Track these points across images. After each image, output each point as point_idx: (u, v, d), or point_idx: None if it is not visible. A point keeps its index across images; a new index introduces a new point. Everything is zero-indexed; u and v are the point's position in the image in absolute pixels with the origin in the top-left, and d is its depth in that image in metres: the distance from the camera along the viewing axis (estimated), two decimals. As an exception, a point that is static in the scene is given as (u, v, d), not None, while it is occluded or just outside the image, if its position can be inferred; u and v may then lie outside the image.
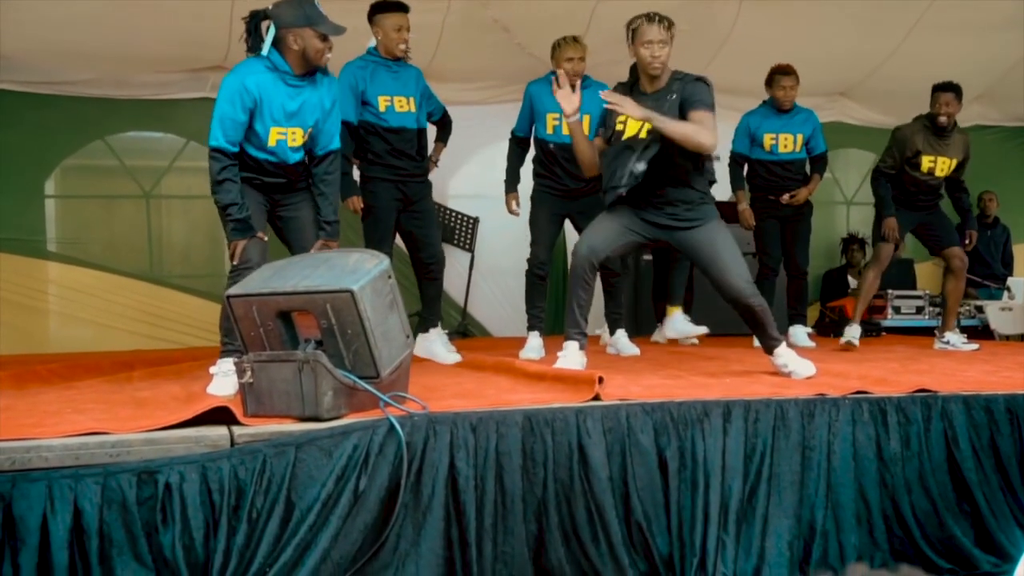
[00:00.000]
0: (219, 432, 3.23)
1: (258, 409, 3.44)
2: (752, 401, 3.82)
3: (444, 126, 6.09)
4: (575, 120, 4.68)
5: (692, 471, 3.67)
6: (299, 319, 3.57)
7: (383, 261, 3.61)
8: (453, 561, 3.35)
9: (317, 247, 4.40)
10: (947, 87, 6.33)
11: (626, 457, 3.59)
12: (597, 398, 3.75)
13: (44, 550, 2.85)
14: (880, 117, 8.71)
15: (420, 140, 5.71)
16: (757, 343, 6.64)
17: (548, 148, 6.05)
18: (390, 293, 3.59)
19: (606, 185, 4.65)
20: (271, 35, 4.18)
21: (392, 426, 3.29)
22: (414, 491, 3.31)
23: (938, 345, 6.64)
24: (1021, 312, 8.05)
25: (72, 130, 7.32)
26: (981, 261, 9.24)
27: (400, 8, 5.50)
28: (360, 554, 3.22)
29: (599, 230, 4.70)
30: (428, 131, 5.87)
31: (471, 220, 8.07)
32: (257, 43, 4.20)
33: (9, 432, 3.10)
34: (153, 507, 2.98)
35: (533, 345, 5.75)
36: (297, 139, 4.32)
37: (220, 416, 3.34)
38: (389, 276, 3.61)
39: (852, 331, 6.51)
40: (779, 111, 6.76)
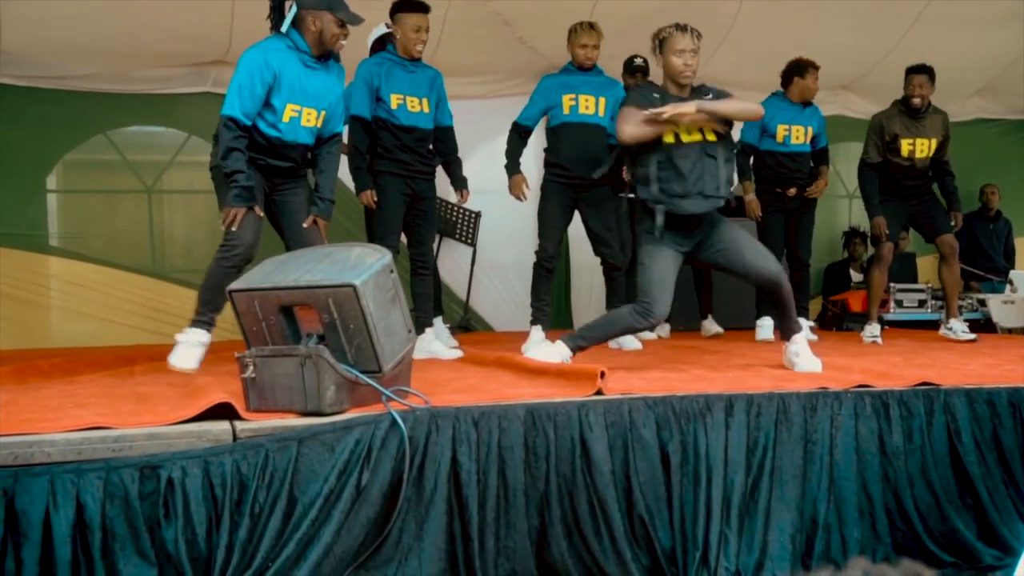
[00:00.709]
0: (221, 427, 3.23)
1: (260, 404, 3.44)
2: (754, 395, 3.82)
3: (444, 142, 5.95)
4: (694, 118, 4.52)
5: (694, 465, 3.66)
6: (301, 313, 3.57)
7: (385, 255, 3.61)
8: (455, 555, 3.35)
9: (308, 222, 4.52)
10: (919, 69, 6.49)
11: (628, 451, 3.59)
12: (599, 392, 3.75)
13: (47, 545, 2.85)
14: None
15: (433, 140, 5.77)
16: (759, 336, 6.70)
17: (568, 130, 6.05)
18: (392, 287, 3.59)
19: (692, 191, 4.51)
20: (292, 14, 4.28)
21: (394, 421, 3.29)
22: (416, 485, 3.31)
23: (943, 331, 6.83)
24: (1023, 305, 8.04)
25: (74, 125, 7.32)
26: (983, 254, 9.24)
27: (421, 8, 5.55)
28: (363, 548, 3.22)
29: (670, 286, 4.56)
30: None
31: (473, 214, 8.06)
32: (279, 19, 4.33)
33: (11, 427, 3.10)
34: (155, 502, 2.99)
35: (536, 339, 5.75)
36: (311, 120, 4.41)
37: (222, 411, 3.34)
38: (391, 270, 3.60)
39: (873, 329, 6.71)
40: (798, 103, 6.85)
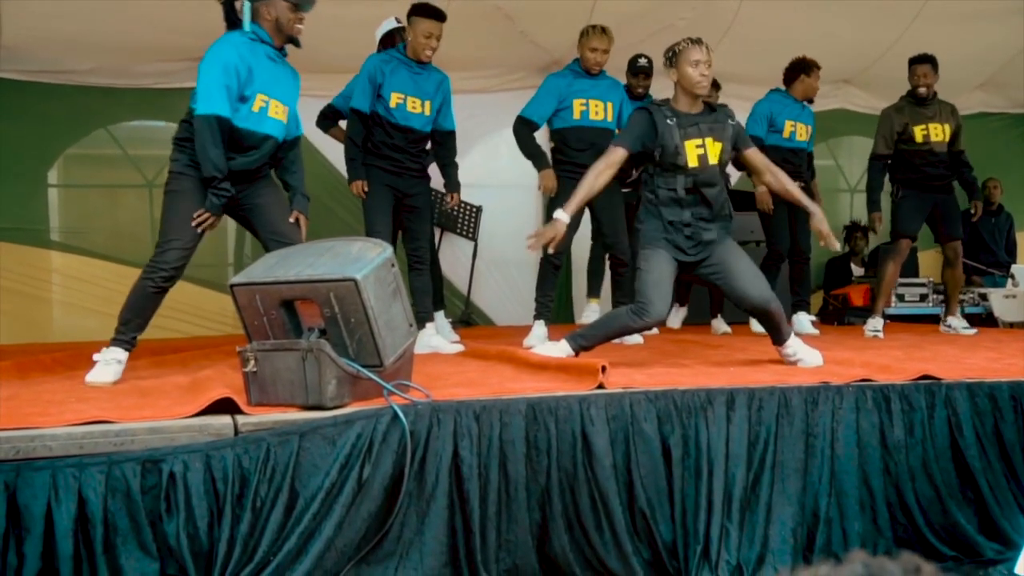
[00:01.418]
0: (223, 421, 3.24)
1: (262, 398, 3.44)
2: (756, 389, 3.82)
3: (443, 146, 5.96)
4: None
5: (696, 459, 3.67)
6: (302, 308, 3.57)
7: (386, 250, 3.61)
8: (457, 549, 3.35)
9: (293, 217, 4.53)
10: (923, 59, 6.62)
11: (630, 445, 3.59)
12: (601, 387, 3.75)
13: (49, 539, 2.85)
14: (884, 104, 8.67)
15: (426, 143, 5.80)
16: (755, 328, 6.70)
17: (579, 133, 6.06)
18: (393, 281, 3.59)
19: (712, 215, 4.61)
20: (248, 11, 4.30)
21: (396, 415, 3.29)
22: (418, 479, 3.32)
23: (942, 328, 6.96)
24: (1025, 299, 8.03)
25: (74, 119, 7.31)
26: (985, 249, 9.23)
27: (437, 16, 5.55)
28: (364, 542, 3.23)
29: (667, 289, 4.59)
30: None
31: (474, 209, 8.05)
32: (233, 22, 4.34)
33: (13, 421, 3.11)
34: (157, 496, 2.99)
35: (538, 334, 5.75)
36: (278, 113, 4.40)
37: (224, 405, 3.34)
38: (392, 264, 3.60)
39: (876, 323, 6.74)
40: (800, 101, 6.90)
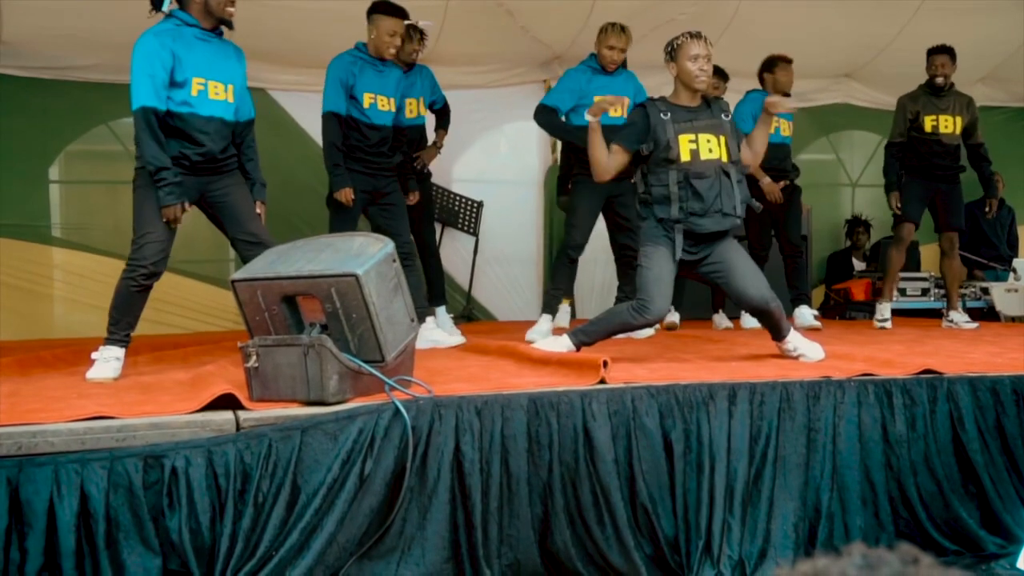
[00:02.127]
0: (224, 416, 3.24)
1: (263, 393, 3.44)
2: (758, 383, 3.82)
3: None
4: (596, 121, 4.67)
5: (697, 454, 3.67)
6: (304, 303, 3.57)
7: (388, 245, 3.61)
8: (459, 544, 3.36)
9: (259, 208, 4.56)
10: (941, 49, 6.70)
11: (631, 440, 3.59)
12: (602, 382, 3.75)
13: (51, 534, 2.86)
14: (886, 98, 8.65)
15: (394, 138, 5.82)
16: (745, 324, 6.70)
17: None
18: (395, 277, 3.59)
19: (712, 209, 4.52)
20: None
21: (397, 410, 3.29)
22: (420, 475, 3.32)
23: (945, 324, 6.96)
24: (1027, 293, 8.02)
25: (76, 116, 7.31)
26: (987, 243, 9.22)
27: (400, 14, 5.58)
28: (366, 537, 3.23)
29: (668, 286, 4.58)
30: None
31: (475, 204, 8.05)
32: (158, 2, 4.30)
33: (15, 417, 3.11)
34: (159, 491, 2.99)
35: (541, 329, 5.74)
36: (220, 93, 4.36)
37: (225, 401, 3.34)
38: (394, 260, 3.60)
39: (883, 311, 6.84)
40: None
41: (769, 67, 6.90)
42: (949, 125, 6.71)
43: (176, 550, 2.98)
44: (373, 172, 5.68)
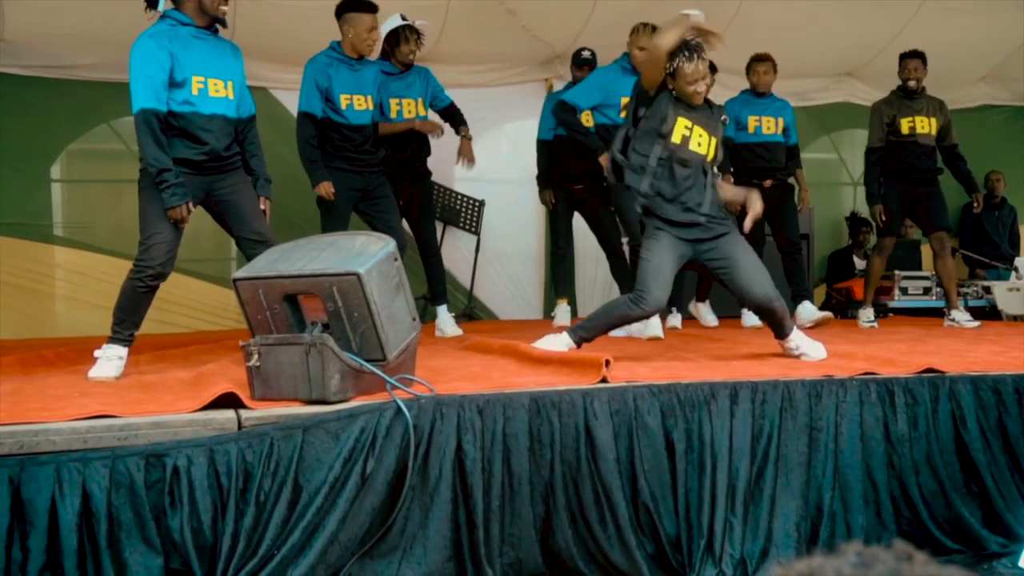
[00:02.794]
0: (226, 415, 3.24)
1: (265, 392, 3.44)
2: (759, 382, 3.82)
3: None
4: None
5: (699, 453, 3.67)
6: (305, 302, 3.57)
7: (389, 243, 3.61)
8: (460, 543, 3.36)
9: (263, 204, 4.56)
10: (913, 54, 6.83)
11: (633, 439, 3.59)
12: (604, 380, 3.75)
13: (53, 533, 2.86)
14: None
15: (375, 134, 5.87)
16: (746, 323, 6.69)
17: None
18: (396, 275, 3.59)
19: (678, 197, 4.55)
20: None
21: (399, 409, 3.29)
22: (421, 473, 3.32)
23: (946, 323, 7.00)
24: (1029, 292, 8.02)
25: (77, 114, 7.31)
26: (989, 242, 9.23)
27: (371, 8, 5.61)
28: (368, 536, 3.23)
29: (667, 277, 4.58)
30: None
31: (477, 203, 8.05)
32: (154, 1, 4.31)
33: (17, 416, 3.11)
34: (161, 490, 2.99)
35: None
36: (220, 90, 4.36)
37: (227, 400, 3.34)
38: (395, 259, 3.61)
39: (868, 314, 6.98)
40: (757, 96, 7.00)
41: (748, 66, 7.00)
42: (925, 126, 6.84)
43: (178, 549, 2.98)
44: (360, 170, 5.75)
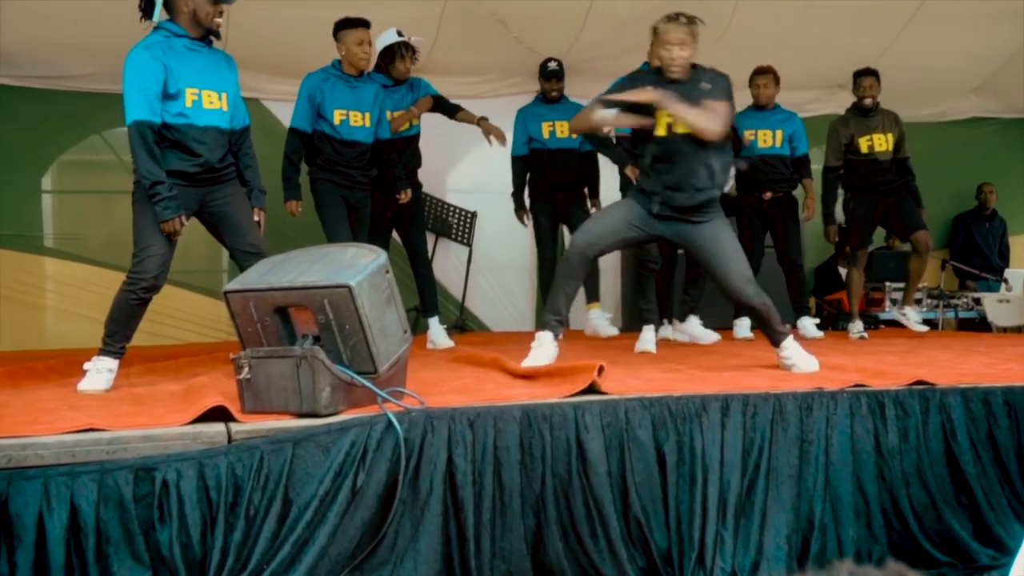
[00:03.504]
0: (216, 429, 3.23)
1: (255, 405, 3.43)
2: (750, 395, 3.82)
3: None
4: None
5: (690, 466, 3.66)
6: (296, 314, 3.56)
7: (380, 256, 3.60)
8: (451, 557, 3.35)
9: (257, 216, 4.56)
10: (867, 72, 7.03)
11: (624, 452, 3.59)
12: (594, 385, 3.77)
13: (40, 548, 2.85)
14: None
15: (374, 153, 5.89)
16: (737, 335, 6.71)
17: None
18: (388, 288, 3.59)
19: (677, 182, 4.54)
20: (160, 1, 4.26)
21: (390, 422, 3.29)
22: (412, 487, 3.31)
23: (896, 314, 7.32)
24: (1018, 304, 8.05)
25: (69, 125, 7.30)
26: (979, 253, 9.25)
27: (361, 24, 5.67)
28: (358, 550, 3.22)
29: (602, 224, 4.67)
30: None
31: (469, 214, 8.05)
32: (149, 10, 4.30)
33: (5, 429, 3.10)
34: (150, 504, 2.98)
35: (648, 338, 5.90)
36: (214, 102, 4.35)
37: (217, 413, 3.33)
38: (387, 271, 3.60)
39: (857, 326, 7.04)
40: (757, 109, 7.02)
41: (750, 80, 7.03)
42: (883, 143, 6.96)
43: (167, 564, 2.97)
44: (349, 185, 5.78)
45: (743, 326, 6.87)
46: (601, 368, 3.86)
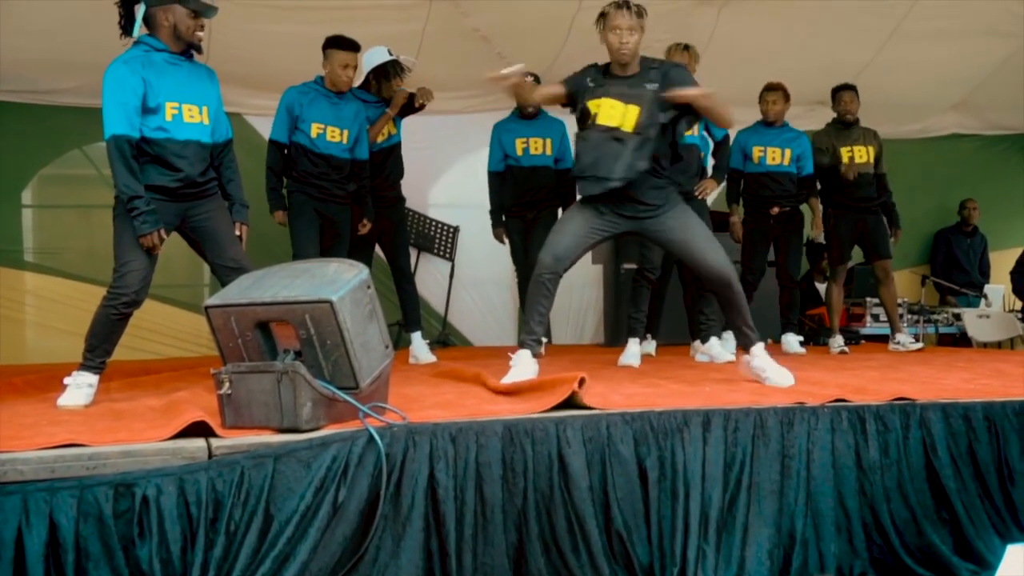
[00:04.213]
0: (197, 444, 3.21)
1: (236, 421, 3.42)
2: (732, 410, 3.82)
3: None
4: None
5: (672, 481, 3.66)
6: (278, 329, 3.55)
7: (362, 271, 3.60)
8: (433, 572, 3.33)
9: (238, 230, 4.56)
10: (846, 87, 7.18)
11: (606, 467, 3.59)
12: (575, 396, 3.77)
13: (19, 564, 2.82)
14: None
15: (351, 169, 5.92)
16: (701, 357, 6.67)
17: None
18: (370, 303, 3.58)
19: (587, 173, 4.56)
20: (141, 15, 4.26)
21: (371, 437, 3.28)
22: (393, 502, 3.30)
23: (891, 347, 7.28)
24: (998, 319, 8.11)
25: (49, 139, 7.29)
26: (960, 269, 9.31)
27: (351, 47, 5.72)
28: (339, 566, 3.20)
29: (564, 236, 4.64)
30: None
31: (451, 229, 8.06)
32: (130, 25, 4.31)
33: (-16, 445, 3.07)
34: (130, 520, 2.96)
35: (633, 351, 5.95)
36: (195, 116, 4.34)
37: (198, 428, 3.32)
38: (368, 286, 3.59)
39: (837, 341, 7.15)
40: (766, 125, 7.02)
41: (760, 96, 7.05)
42: (864, 155, 7.09)
43: (146, 580, 2.95)
44: (324, 199, 5.82)
45: (792, 342, 6.98)
46: (583, 380, 3.86)
